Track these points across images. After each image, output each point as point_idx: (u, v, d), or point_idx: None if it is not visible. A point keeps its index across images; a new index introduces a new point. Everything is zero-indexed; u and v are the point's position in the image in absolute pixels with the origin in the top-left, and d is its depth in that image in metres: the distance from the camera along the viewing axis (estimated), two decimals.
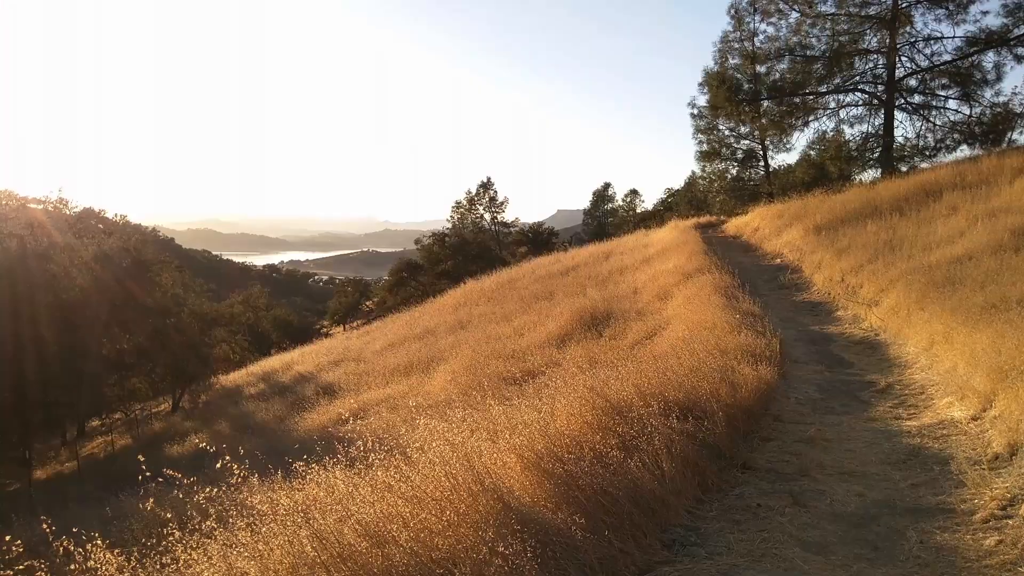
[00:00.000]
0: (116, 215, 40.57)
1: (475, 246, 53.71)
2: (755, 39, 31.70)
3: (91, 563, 3.86)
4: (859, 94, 29.22)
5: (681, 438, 5.56)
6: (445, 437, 5.13)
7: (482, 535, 3.86)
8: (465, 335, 19.88)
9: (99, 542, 3.89)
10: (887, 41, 27.00)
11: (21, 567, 3.94)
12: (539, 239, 57.96)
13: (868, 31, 27.71)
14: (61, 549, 3.93)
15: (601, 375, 7.15)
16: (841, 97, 29.68)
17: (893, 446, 6.42)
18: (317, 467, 4.92)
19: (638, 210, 66.62)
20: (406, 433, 6.45)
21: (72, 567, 3.84)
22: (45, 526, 4.22)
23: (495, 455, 5.01)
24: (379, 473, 4.70)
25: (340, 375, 21.03)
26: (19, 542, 4.12)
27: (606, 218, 67.49)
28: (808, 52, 28.77)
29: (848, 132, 29.88)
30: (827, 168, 29.90)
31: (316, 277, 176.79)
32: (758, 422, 6.96)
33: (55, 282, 22.75)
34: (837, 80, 29.00)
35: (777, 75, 30.33)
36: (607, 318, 15.40)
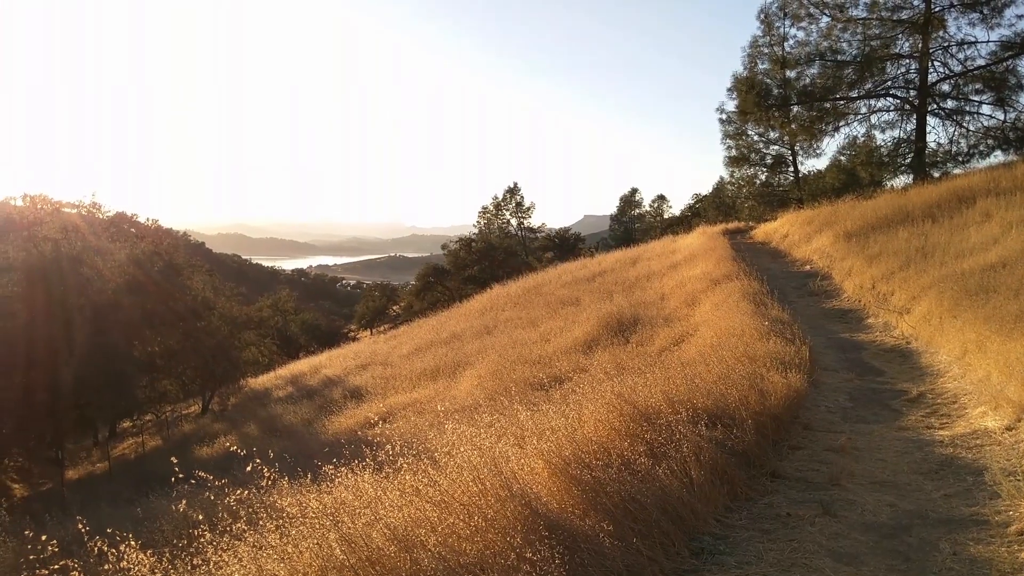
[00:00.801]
0: (148, 219, 41.27)
1: (501, 251, 53.77)
2: (785, 44, 31.43)
3: (124, 563, 3.92)
4: (891, 99, 28.86)
5: (710, 446, 5.52)
6: (473, 442, 5.15)
7: (510, 541, 3.86)
8: (491, 340, 19.91)
9: (132, 543, 3.95)
10: (920, 46, 26.64)
11: (56, 566, 4.01)
12: (565, 244, 57.92)
13: (900, 35, 27.37)
14: (95, 549, 3.99)
15: (628, 381, 7.12)
16: (872, 102, 29.32)
17: (925, 456, 6.33)
18: (346, 471, 4.95)
19: (665, 216, 66.31)
20: (434, 437, 6.48)
21: (106, 567, 3.91)
22: (80, 526, 4.29)
23: (522, 460, 5.01)
24: (407, 477, 4.72)
25: (367, 379, 21.16)
26: (54, 541, 4.20)
27: (633, 224, 67.21)
28: (839, 57, 28.45)
29: (879, 137, 29.51)
30: (858, 174, 29.51)
31: (344, 281, 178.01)
32: (787, 430, 6.91)
33: (88, 285, 23.12)
34: (868, 85, 28.66)
35: (807, 80, 30.02)
36: (634, 324, 15.34)
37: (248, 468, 4.55)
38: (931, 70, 27.08)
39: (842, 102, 29.57)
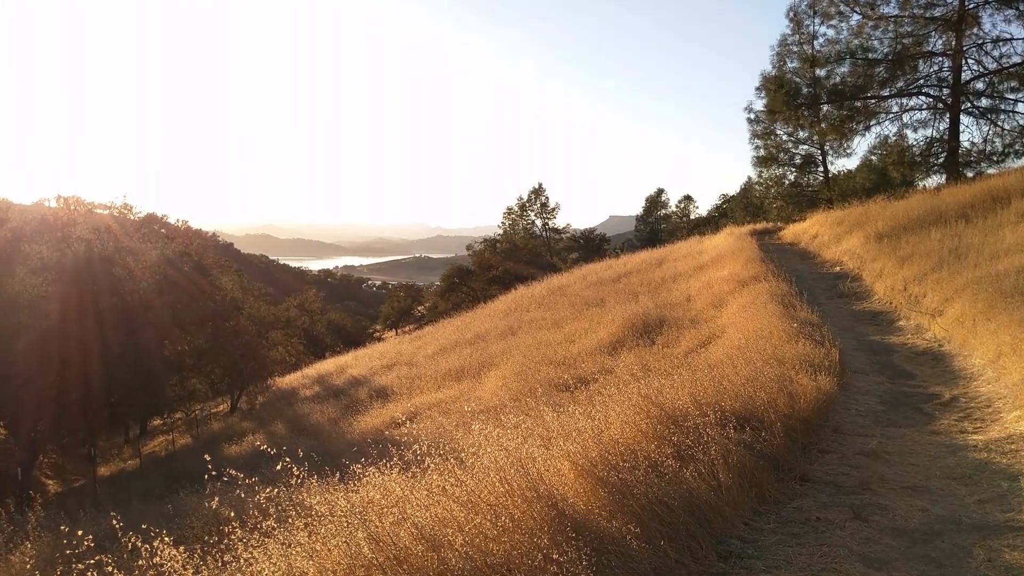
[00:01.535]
0: (178, 220, 41.83)
1: (526, 252, 53.80)
2: (814, 42, 31.16)
3: (156, 559, 3.97)
4: (923, 98, 28.45)
5: (738, 448, 5.48)
6: (499, 442, 5.15)
7: (537, 542, 3.86)
8: (516, 341, 19.93)
9: (166, 539, 4.00)
10: (953, 43, 26.24)
11: (92, 561, 4.08)
12: (590, 245, 57.81)
13: (933, 33, 26.97)
14: (129, 545, 4.05)
15: (655, 383, 7.08)
16: (904, 101, 28.93)
17: (958, 460, 6.23)
18: (373, 470, 4.97)
19: (692, 216, 65.97)
20: (461, 437, 6.50)
21: (139, 562, 3.96)
22: (114, 521, 4.35)
23: (548, 461, 5.01)
24: (434, 477, 4.74)
25: (393, 379, 21.27)
26: (89, 536, 4.27)
27: (659, 224, 66.94)
28: (870, 55, 28.10)
29: (911, 137, 29.09)
30: (889, 174, 29.12)
31: (369, 282, 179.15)
32: (817, 434, 6.83)
33: (120, 285, 23.45)
34: (900, 83, 28.27)
35: (837, 78, 29.69)
36: (660, 325, 15.28)
37: (278, 467, 4.59)
38: (965, 68, 26.67)
39: (873, 101, 29.20)
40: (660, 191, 69.83)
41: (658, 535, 4.27)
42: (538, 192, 59.17)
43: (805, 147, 35.03)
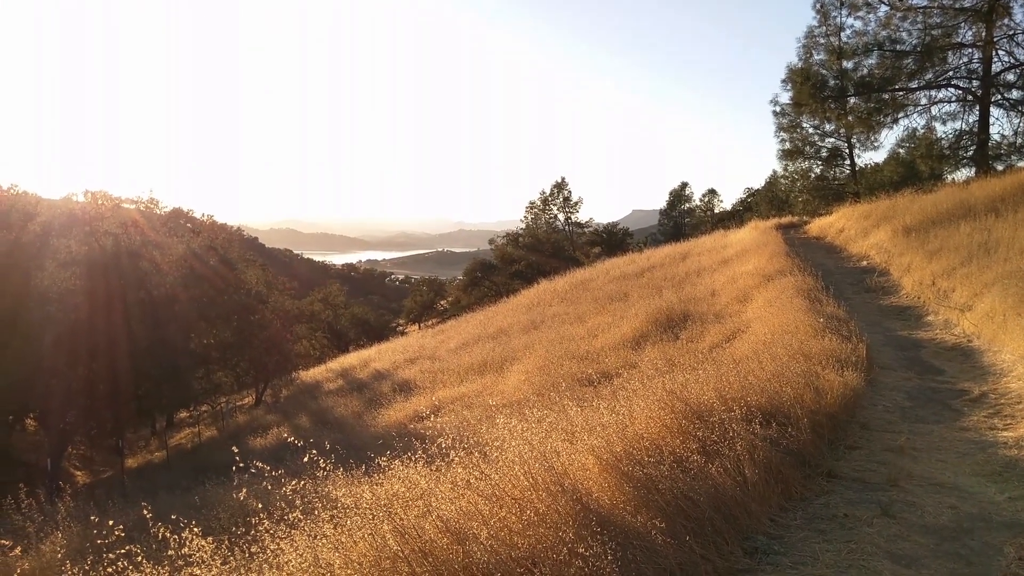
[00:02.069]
0: (203, 215, 42.25)
1: (549, 246, 53.75)
2: (841, 34, 30.78)
3: (185, 549, 4.02)
4: (952, 90, 28.01)
5: (764, 444, 5.44)
6: (523, 436, 5.15)
7: (562, 536, 3.86)
8: (538, 335, 19.92)
9: (195, 529, 4.05)
10: (983, 34, 25.80)
11: (122, 551, 4.13)
12: (613, 239, 57.62)
13: (963, 24, 26.52)
14: (159, 535, 4.10)
15: (679, 378, 7.05)
16: (933, 93, 28.49)
17: (988, 457, 6.14)
18: (398, 463, 5.00)
19: (716, 210, 65.51)
20: (485, 431, 6.51)
21: (169, 552, 4.01)
22: (145, 511, 4.41)
23: (572, 456, 5.00)
24: (458, 470, 4.75)
25: (416, 373, 21.35)
26: (120, 526, 4.33)
27: (683, 218, 66.56)
28: (898, 47, 27.71)
29: (940, 129, 28.73)
30: (917, 167, 28.74)
31: (392, 276, 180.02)
32: (844, 429, 6.76)
33: (146, 279, 23.73)
34: (929, 75, 27.85)
35: (865, 71, 29.34)
36: (684, 320, 15.20)
37: (305, 459, 4.62)
38: (995, 59, 26.21)
39: (901, 93, 28.80)
40: (684, 185, 69.46)
41: (683, 530, 4.25)
42: (560, 186, 59.02)
43: (832, 140, 34.64)
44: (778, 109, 33.98)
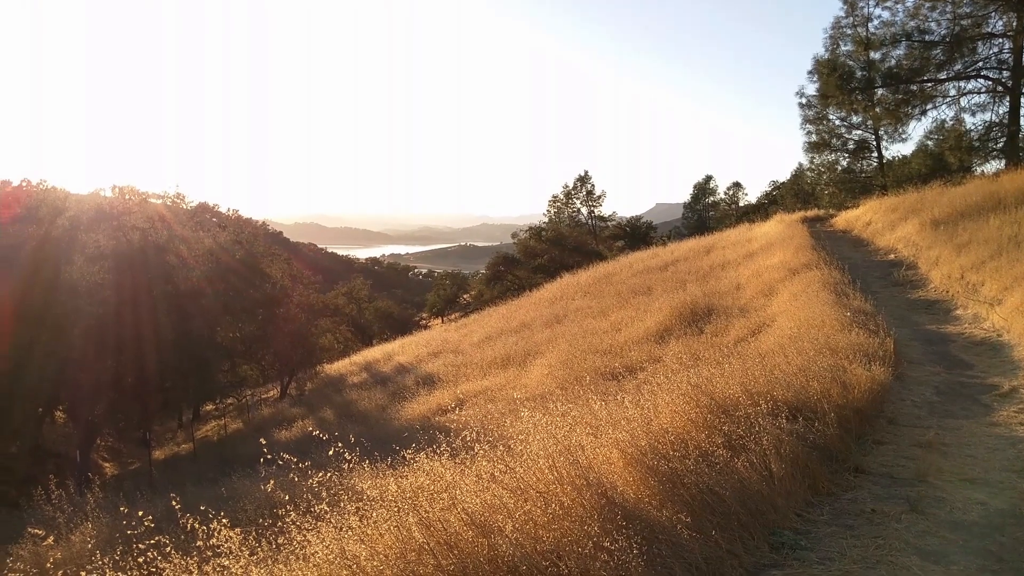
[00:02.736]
0: (229, 210, 42.71)
1: (571, 240, 53.59)
2: (869, 24, 30.38)
3: (214, 540, 4.07)
4: (982, 80, 27.57)
5: (790, 439, 5.39)
6: (547, 430, 5.14)
7: (587, 529, 3.85)
8: (561, 329, 19.90)
9: (224, 520, 4.09)
10: (1014, 24, 25.33)
11: (151, 541, 4.19)
12: (637, 233, 57.30)
13: (993, 13, 26.07)
14: (188, 526, 4.15)
15: (704, 372, 7.02)
16: (962, 84, 28.06)
17: (1019, 453, 6.05)
18: (423, 456, 5.01)
19: (741, 203, 64.94)
20: (509, 425, 6.52)
21: (197, 543, 4.06)
22: (174, 503, 4.47)
23: (597, 450, 4.99)
24: (483, 463, 4.75)
25: (439, 366, 21.42)
26: (150, 517, 4.39)
27: (707, 212, 66.03)
28: (927, 37, 27.30)
29: (969, 121, 28.22)
30: (946, 159, 28.32)
31: (415, 270, 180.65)
32: (871, 424, 6.69)
33: (173, 272, 24.00)
34: (958, 66, 27.42)
35: (892, 61, 28.94)
36: (708, 314, 15.12)
37: (331, 452, 4.65)
38: None
39: (930, 84, 28.40)
40: (708, 178, 68.84)
41: (709, 525, 4.23)
42: (584, 180, 58.77)
43: (858, 132, 34.26)
44: (804, 101, 33.67)
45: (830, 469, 5.56)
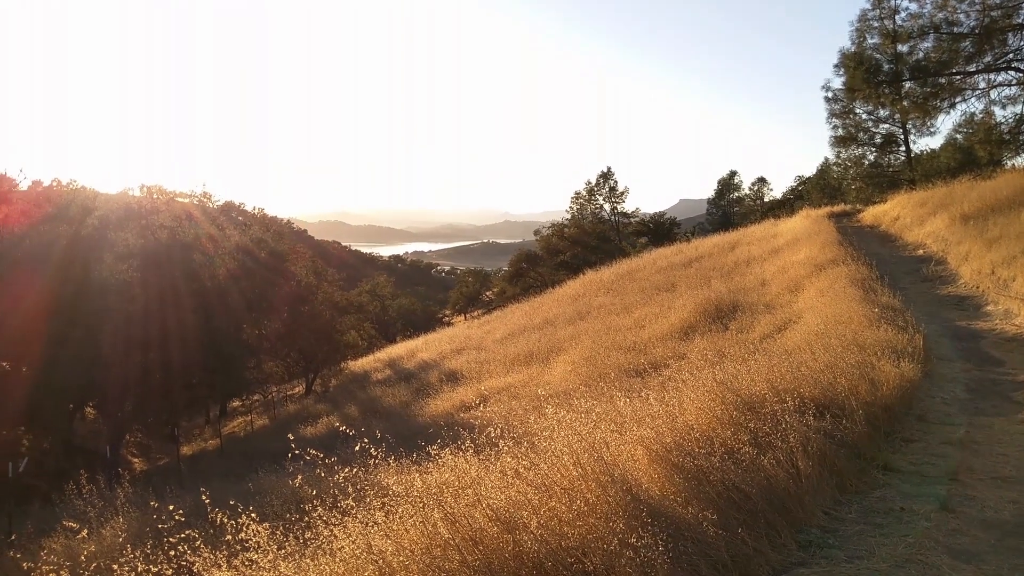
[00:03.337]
0: (254, 208, 43.06)
1: (594, 237, 53.44)
2: (896, 16, 29.93)
3: (243, 535, 4.11)
4: (1013, 73, 27.00)
5: (818, 436, 5.35)
6: (571, 427, 5.14)
7: (612, 526, 3.85)
8: (584, 326, 19.87)
9: (253, 515, 4.13)
10: None
11: (181, 535, 4.24)
12: (660, 229, 57.01)
13: None
14: (217, 520, 4.19)
15: (730, 369, 6.97)
16: (992, 76, 27.50)
17: None
18: (448, 452, 5.03)
19: (766, 199, 64.38)
20: (533, 421, 6.52)
21: (226, 537, 4.10)
22: (204, 497, 4.52)
23: (622, 447, 4.98)
24: (507, 460, 4.76)
25: (462, 363, 21.47)
26: (180, 511, 4.44)
27: (731, 207, 65.50)
28: (956, 29, 26.82)
29: (999, 114, 27.70)
30: (975, 153, 27.88)
31: (438, 267, 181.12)
32: (900, 422, 6.62)
33: (200, 270, 24.23)
34: (988, 58, 26.90)
35: (920, 54, 28.48)
36: (733, 310, 15.02)
37: (356, 448, 4.68)
38: None
39: (958, 77, 27.90)
40: (733, 173, 68.29)
41: (735, 523, 4.21)
42: (606, 176, 58.54)
43: (886, 126, 33.80)
44: (830, 95, 33.24)
45: (858, 467, 5.51)
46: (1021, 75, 26.77)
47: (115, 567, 4.36)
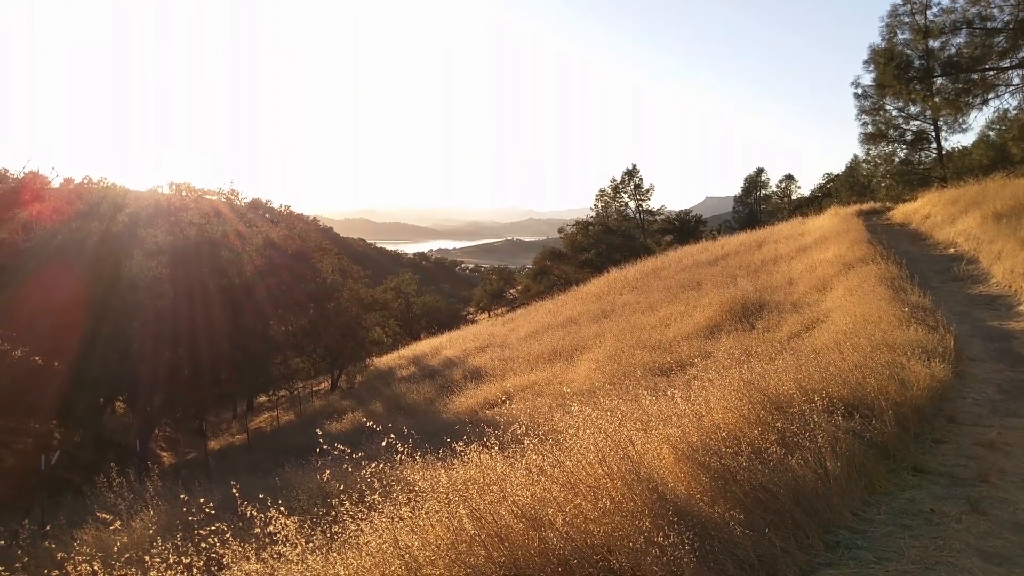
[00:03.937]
0: (281, 205, 43.38)
1: (619, 235, 53.25)
2: (928, 12, 29.50)
3: (271, 528, 4.16)
4: None
5: (846, 436, 5.30)
6: (597, 424, 5.13)
7: (638, 524, 3.84)
8: (608, 324, 19.81)
9: (282, 509, 4.18)
10: None
11: (211, 528, 4.30)
12: (686, 227, 56.68)
13: None
14: (248, 513, 4.25)
15: (756, 368, 6.92)
16: None
17: None
18: (473, 449, 5.05)
19: (794, 197, 63.73)
20: (557, 419, 6.52)
21: (255, 530, 4.16)
22: (234, 491, 4.58)
23: (647, 445, 4.97)
24: (533, 457, 4.77)
25: (486, 360, 21.49)
26: (211, 504, 4.51)
27: (758, 205, 64.89)
28: (988, 24, 26.42)
29: None
30: (1009, 150, 27.43)
31: (463, 265, 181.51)
32: (930, 423, 6.54)
33: (227, 267, 24.46)
34: (1022, 53, 26.46)
35: (952, 50, 28.09)
36: (760, 309, 14.90)
37: (383, 443, 4.72)
38: None
39: (991, 73, 27.47)
40: (760, 171, 67.61)
41: (762, 522, 4.18)
42: (632, 173, 58.26)
43: (917, 123, 33.35)
44: (860, 91, 32.88)
45: (887, 468, 5.45)
46: None
47: (147, 558, 4.43)
